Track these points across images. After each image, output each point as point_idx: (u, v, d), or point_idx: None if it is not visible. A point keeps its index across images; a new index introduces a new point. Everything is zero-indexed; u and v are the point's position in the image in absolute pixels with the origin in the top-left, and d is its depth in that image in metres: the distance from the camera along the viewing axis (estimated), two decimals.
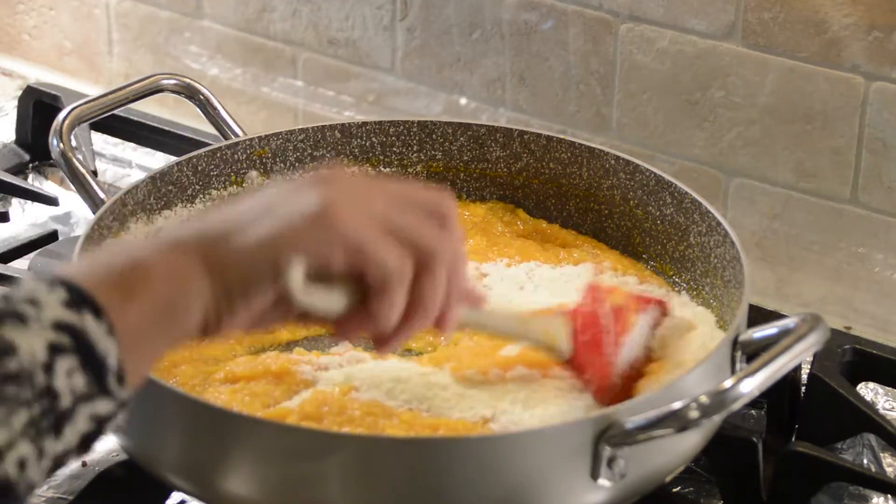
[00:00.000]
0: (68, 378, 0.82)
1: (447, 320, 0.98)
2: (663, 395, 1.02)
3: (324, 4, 1.68)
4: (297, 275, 0.91)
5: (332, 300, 0.94)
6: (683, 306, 1.26)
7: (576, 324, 1.13)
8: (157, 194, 1.29)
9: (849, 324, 1.46)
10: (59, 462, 0.83)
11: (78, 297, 0.83)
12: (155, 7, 1.81)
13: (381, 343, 0.98)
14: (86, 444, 0.85)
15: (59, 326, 0.82)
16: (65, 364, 0.82)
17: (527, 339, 1.12)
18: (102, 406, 0.84)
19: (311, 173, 0.96)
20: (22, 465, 0.80)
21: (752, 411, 1.29)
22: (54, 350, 0.81)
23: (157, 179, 1.29)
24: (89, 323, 0.83)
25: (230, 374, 1.14)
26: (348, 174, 0.96)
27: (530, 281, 1.28)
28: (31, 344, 0.81)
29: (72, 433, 0.83)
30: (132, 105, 1.38)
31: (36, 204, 1.58)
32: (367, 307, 0.95)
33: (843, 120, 1.42)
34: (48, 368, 0.81)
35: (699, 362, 1.09)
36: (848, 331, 1.40)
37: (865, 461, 1.24)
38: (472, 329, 1.12)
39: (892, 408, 1.32)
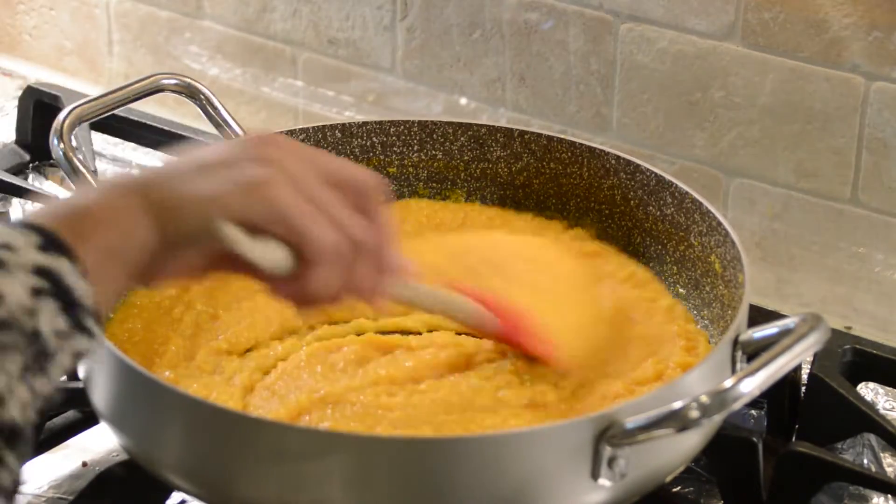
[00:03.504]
0: (52, 320, 0.84)
1: (376, 296, 1.02)
2: (663, 395, 1.02)
3: (324, 4, 1.68)
4: (231, 231, 0.94)
5: (274, 255, 0.96)
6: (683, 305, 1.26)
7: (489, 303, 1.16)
8: None
9: (849, 324, 1.46)
10: (46, 401, 0.85)
11: (50, 241, 0.87)
12: (155, 7, 1.81)
13: (302, 306, 1.01)
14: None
15: (38, 271, 0.85)
16: (48, 307, 0.84)
17: (455, 315, 1.15)
18: (82, 343, 0.87)
19: (253, 137, 1.00)
20: (24, 408, 0.82)
21: (752, 411, 1.29)
22: (36, 294, 0.84)
23: None
24: (65, 266, 0.86)
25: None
26: (287, 144, 0.99)
27: None
28: (15, 290, 0.83)
29: (57, 372, 0.86)
30: (132, 105, 1.38)
31: (36, 204, 1.58)
32: (302, 275, 0.97)
33: (843, 120, 1.42)
34: (33, 313, 0.84)
35: (699, 362, 1.09)
36: (848, 331, 1.40)
37: (865, 461, 1.24)
38: (403, 304, 1.13)
39: (892, 408, 1.32)
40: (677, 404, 0.99)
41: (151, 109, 1.66)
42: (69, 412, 1.23)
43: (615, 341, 1.20)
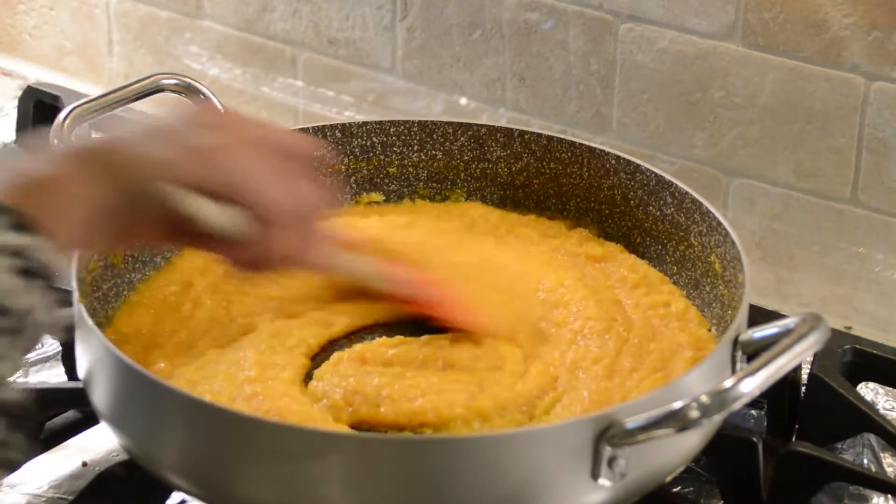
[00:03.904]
0: (38, 299, 0.88)
1: (311, 262, 1.07)
2: (663, 395, 1.02)
3: (324, 4, 1.68)
4: (186, 195, 0.97)
5: (229, 218, 0.99)
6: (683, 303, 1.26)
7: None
8: None
9: (849, 324, 1.46)
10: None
11: (21, 221, 0.89)
12: (155, 7, 1.81)
13: (255, 271, 1.04)
14: None
15: (15, 252, 0.87)
16: (31, 287, 0.87)
17: (376, 282, 1.19)
18: (65, 317, 0.93)
19: (202, 108, 1.05)
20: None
21: (752, 411, 1.29)
22: (19, 274, 0.87)
23: None
24: (40, 244, 0.89)
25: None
26: (234, 114, 1.05)
27: None
28: (1, 277, 0.86)
29: (41, 338, 0.90)
30: (132, 105, 1.38)
31: None
32: (258, 240, 1.01)
33: (843, 120, 1.42)
34: (19, 294, 0.87)
35: (699, 362, 1.09)
36: (848, 331, 1.40)
37: (865, 461, 1.24)
38: (336, 272, 1.17)
39: (892, 408, 1.32)
40: (677, 404, 0.98)
41: (151, 109, 1.66)
42: (69, 412, 1.23)
43: (635, 356, 1.19)
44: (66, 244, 0.92)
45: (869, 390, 1.33)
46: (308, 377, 1.16)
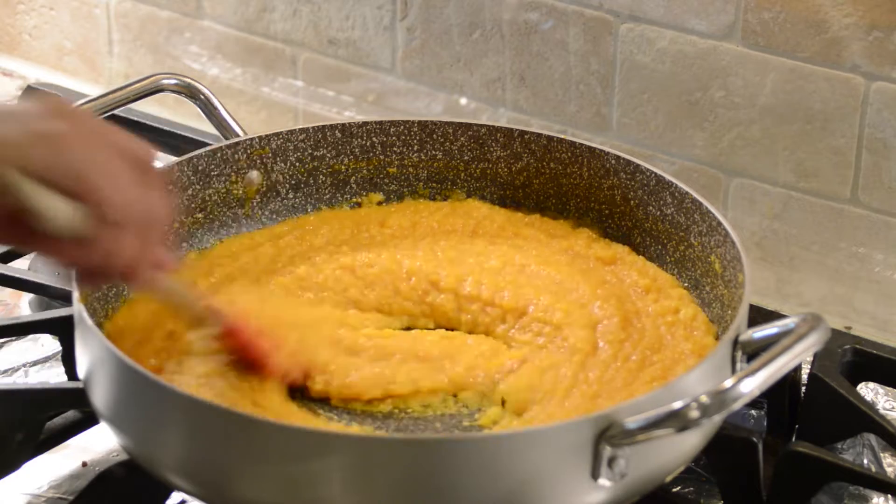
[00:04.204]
0: None
1: (146, 277, 1.01)
2: (663, 395, 1.02)
3: (324, 4, 1.68)
4: (24, 181, 0.93)
5: (67, 211, 0.95)
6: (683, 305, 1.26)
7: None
8: None
9: (849, 324, 1.46)
10: None
11: None
12: (155, 7, 1.81)
13: (87, 275, 1.00)
14: None
15: None
16: None
17: (187, 312, 1.13)
18: None
19: (46, 99, 0.98)
20: None
21: (752, 411, 1.29)
22: None
23: None
24: None
25: None
26: (79, 110, 1.00)
27: None
28: None
29: None
30: (132, 105, 1.38)
31: None
32: (94, 239, 0.96)
33: (843, 120, 1.42)
34: None
35: (700, 362, 1.09)
36: (848, 331, 1.40)
37: (865, 461, 1.24)
38: (157, 295, 1.11)
39: (892, 408, 1.32)
40: (677, 404, 0.99)
41: (151, 109, 1.66)
42: (69, 412, 1.23)
43: (640, 363, 1.19)
44: None
45: (869, 390, 1.33)
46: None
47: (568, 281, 1.26)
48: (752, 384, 0.99)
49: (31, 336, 1.36)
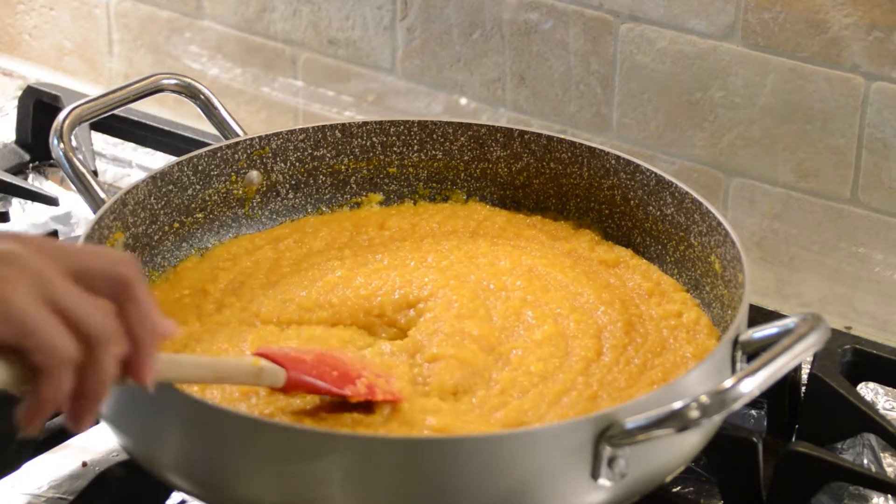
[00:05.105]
0: None
1: (140, 376, 0.96)
2: (663, 395, 1.02)
3: (324, 4, 1.68)
4: None
5: None
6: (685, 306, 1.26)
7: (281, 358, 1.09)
8: (157, 194, 1.29)
9: (849, 324, 1.46)
10: None
11: None
12: (155, 7, 1.81)
13: (73, 420, 0.94)
14: None
15: None
16: None
17: (229, 380, 1.09)
18: None
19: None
20: None
21: (752, 411, 1.29)
22: None
23: (157, 179, 1.29)
24: None
25: None
26: (31, 239, 0.93)
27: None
28: None
29: None
30: (132, 105, 1.38)
31: (36, 204, 1.58)
32: (34, 388, 0.91)
33: (843, 120, 1.42)
34: None
35: (699, 362, 1.09)
36: (848, 331, 1.40)
37: (865, 461, 1.24)
38: (170, 380, 1.04)
39: (892, 408, 1.32)
40: (677, 404, 0.99)
41: (151, 109, 1.66)
42: None
43: (641, 367, 1.19)
44: None
45: (869, 390, 1.33)
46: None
47: (574, 284, 1.26)
48: (752, 384, 0.99)
49: None
